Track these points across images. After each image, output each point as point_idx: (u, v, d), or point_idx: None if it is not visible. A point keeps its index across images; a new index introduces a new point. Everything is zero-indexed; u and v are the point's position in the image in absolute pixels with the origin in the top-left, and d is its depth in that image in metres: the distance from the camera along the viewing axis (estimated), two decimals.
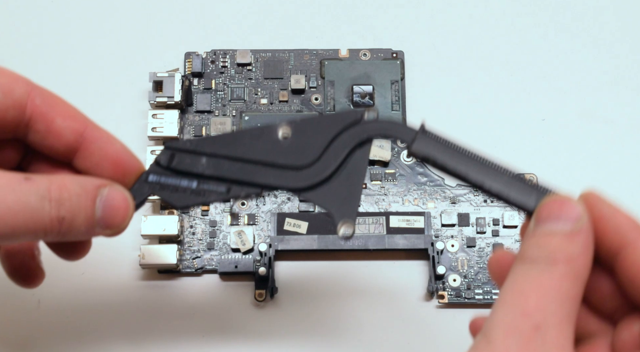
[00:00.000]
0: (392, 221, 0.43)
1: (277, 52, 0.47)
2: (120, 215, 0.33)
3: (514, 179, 0.32)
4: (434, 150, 0.34)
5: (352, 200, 0.35)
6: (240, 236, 0.43)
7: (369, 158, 0.35)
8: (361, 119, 0.35)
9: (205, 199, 0.35)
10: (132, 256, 0.43)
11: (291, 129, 0.35)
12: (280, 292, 0.43)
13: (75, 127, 0.34)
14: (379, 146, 0.45)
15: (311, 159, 0.35)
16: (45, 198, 0.31)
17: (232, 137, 0.35)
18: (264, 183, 0.34)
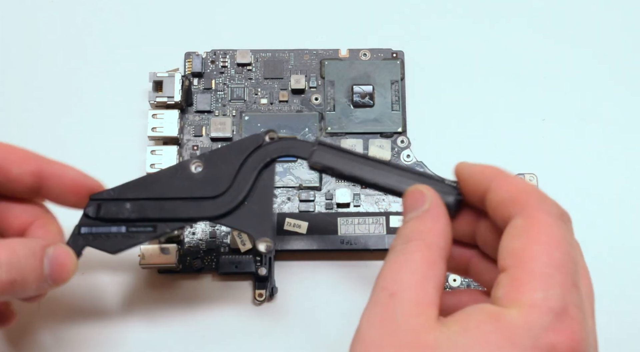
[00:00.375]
0: (392, 221, 0.43)
1: (277, 52, 0.47)
2: (66, 270, 0.36)
3: (404, 172, 0.36)
4: (331, 160, 0.37)
5: (266, 218, 0.37)
6: (240, 236, 0.43)
7: (274, 178, 0.38)
8: (262, 142, 0.38)
9: (135, 240, 0.37)
10: (132, 256, 0.43)
11: (202, 162, 0.38)
12: (280, 292, 0.43)
13: (30, 169, 0.36)
14: (379, 146, 0.45)
15: (224, 187, 0.37)
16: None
17: (151, 179, 0.38)
18: (185, 217, 0.37)
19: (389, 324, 0.31)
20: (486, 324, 0.29)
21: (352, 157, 0.37)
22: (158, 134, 0.44)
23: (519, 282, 0.30)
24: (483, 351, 0.29)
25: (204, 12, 0.49)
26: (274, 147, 0.38)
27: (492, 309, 0.30)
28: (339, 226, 0.43)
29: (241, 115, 0.45)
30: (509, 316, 0.29)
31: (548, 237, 0.31)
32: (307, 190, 0.44)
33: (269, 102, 0.46)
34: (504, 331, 0.29)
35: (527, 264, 0.30)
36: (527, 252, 0.31)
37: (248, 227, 0.37)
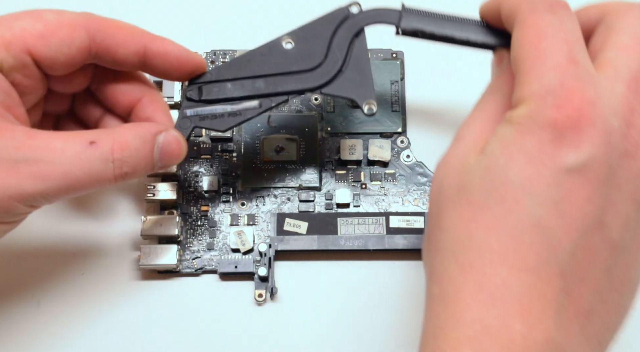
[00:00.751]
0: (392, 221, 0.43)
1: None
2: (176, 155, 0.38)
3: (483, 26, 0.38)
4: (420, 23, 0.39)
5: (367, 82, 0.40)
6: (240, 236, 0.43)
7: (366, 45, 0.40)
8: (349, 13, 0.40)
9: (243, 117, 0.39)
10: (131, 256, 0.43)
11: (293, 38, 0.40)
12: (280, 292, 0.43)
13: (136, 49, 0.37)
14: (379, 146, 0.45)
15: (320, 59, 0.39)
16: (108, 160, 0.35)
17: (246, 59, 0.40)
18: (288, 90, 0.39)
19: (448, 160, 0.33)
20: (502, 128, 0.32)
21: (439, 17, 0.39)
22: None
23: (520, 83, 0.32)
24: (503, 153, 0.31)
25: (203, 12, 0.49)
26: (361, 17, 0.40)
27: (507, 115, 0.32)
28: (339, 226, 0.43)
29: None
30: (516, 113, 0.31)
31: (534, 33, 0.32)
32: (307, 190, 0.44)
33: None
34: (513, 127, 0.31)
35: (523, 64, 0.32)
36: (521, 55, 0.32)
37: (350, 92, 0.40)
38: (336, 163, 0.45)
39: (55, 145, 0.34)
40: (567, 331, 0.29)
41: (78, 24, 0.36)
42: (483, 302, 0.29)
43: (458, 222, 0.31)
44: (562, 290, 0.30)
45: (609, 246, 0.30)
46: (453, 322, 0.30)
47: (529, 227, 0.30)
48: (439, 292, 0.31)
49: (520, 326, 0.29)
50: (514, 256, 0.29)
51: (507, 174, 0.30)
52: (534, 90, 0.31)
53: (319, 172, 0.44)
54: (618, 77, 0.31)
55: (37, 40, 0.35)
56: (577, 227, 0.30)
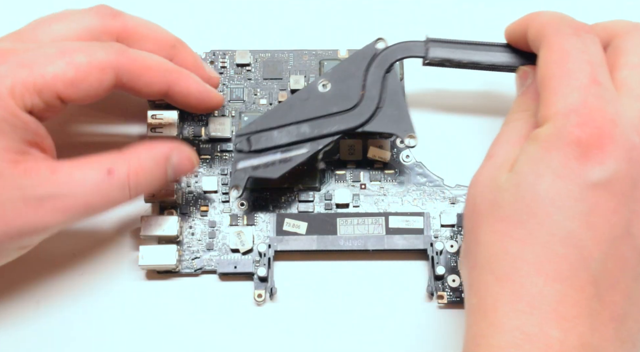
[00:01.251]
0: (392, 221, 0.43)
1: (276, 53, 0.47)
2: (188, 172, 0.40)
3: (507, 49, 0.41)
4: (446, 53, 0.42)
5: (404, 116, 0.42)
6: (240, 237, 0.43)
7: (398, 79, 0.42)
8: (376, 50, 0.42)
9: (293, 163, 0.41)
10: (131, 256, 0.43)
11: (328, 80, 0.42)
12: (280, 292, 0.43)
13: (160, 89, 0.39)
14: (378, 147, 0.45)
15: (356, 98, 0.41)
16: (125, 187, 0.37)
17: (287, 105, 0.42)
18: (332, 131, 0.41)
19: (480, 178, 0.36)
20: (528, 146, 0.34)
21: (463, 45, 0.42)
22: (157, 134, 0.44)
23: (545, 101, 0.34)
24: (532, 171, 0.33)
25: (202, 12, 0.49)
26: (389, 52, 0.42)
27: (533, 133, 0.34)
28: (338, 226, 0.43)
29: (240, 116, 0.45)
30: (542, 132, 0.33)
31: (560, 55, 0.35)
32: (306, 190, 0.44)
33: (268, 102, 0.46)
34: (540, 144, 0.33)
35: (548, 83, 0.34)
36: (547, 74, 0.34)
37: (391, 128, 0.41)
38: (335, 163, 0.45)
39: (76, 178, 0.36)
40: (602, 335, 0.31)
41: (107, 67, 0.36)
42: (521, 311, 0.31)
43: (493, 237, 0.33)
44: (595, 296, 0.32)
45: (637, 253, 0.32)
46: (493, 330, 0.32)
47: (560, 240, 0.32)
48: (477, 302, 0.33)
49: (557, 332, 0.31)
50: (548, 267, 0.32)
51: (537, 190, 0.32)
52: (559, 109, 0.33)
53: (318, 172, 0.44)
54: (634, 94, 0.34)
55: (67, 87, 0.36)
56: (606, 238, 0.32)
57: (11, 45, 0.36)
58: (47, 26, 0.37)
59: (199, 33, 0.48)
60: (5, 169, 0.34)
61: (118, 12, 0.38)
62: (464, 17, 0.49)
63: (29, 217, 0.35)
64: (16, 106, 0.35)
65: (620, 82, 0.35)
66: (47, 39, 0.37)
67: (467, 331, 0.34)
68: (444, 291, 0.42)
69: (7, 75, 0.35)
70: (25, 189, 0.35)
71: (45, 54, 0.36)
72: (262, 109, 0.46)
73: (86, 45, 0.37)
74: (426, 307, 0.43)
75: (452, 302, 0.42)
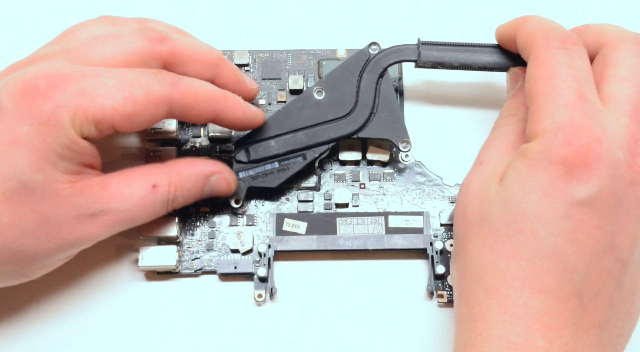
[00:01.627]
0: (391, 220, 0.43)
1: (274, 53, 0.47)
2: (223, 194, 0.42)
3: (496, 49, 0.42)
4: (438, 56, 0.42)
5: (398, 121, 0.42)
6: (240, 237, 0.43)
7: (392, 84, 0.43)
8: (369, 55, 0.43)
9: (291, 171, 0.42)
10: (131, 257, 0.43)
11: (322, 88, 0.42)
12: (280, 292, 0.43)
13: (207, 119, 0.40)
14: (378, 146, 0.45)
15: (351, 105, 0.42)
16: (165, 202, 0.39)
17: (283, 114, 0.43)
18: (327, 139, 0.42)
19: (471, 186, 0.37)
20: (517, 161, 0.35)
21: (455, 48, 0.42)
22: (156, 135, 0.44)
23: (533, 117, 0.35)
24: (520, 188, 0.34)
25: (201, 13, 0.49)
26: (382, 57, 0.43)
27: (521, 148, 0.35)
28: (338, 226, 0.43)
29: None
30: (530, 148, 0.34)
31: (547, 70, 0.35)
32: (306, 190, 0.44)
33: (267, 102, 0.46)
34: (528, 162, 0.34)
35: (536, 99, 0.35)
36: (535, 90, 0.35)
37: (385, 133, 0.42)
38: (335, 163, 0.45)
39: (125, 193, 0.38)
40: (584, 342, 0.33)
41: (162, 102, 0.37)
42: (508, 322, 0.33)
43: (482, 250, 0.34)
44: (578, 307, 0.33)
45: (620, 265, 0.34)
46: (481, 339, 0.33)
47: (546, 255, 0.33)
48: (467, 312, 0.34)
49: (542, 342, 0.32)
50: (533, 280, 0.33)
51: (524, 207, 0.33)
52: (547, 126, 0.34)
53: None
54: (620, 109, 0.35)
55: (123, 120, 0.37)
56: (589, 252, 0.33)
57: (70, 69, 0.36)
58: (100, 47, 0.38)
59: (198, 34, 0.47)
60: (64, 190, 0.36)
61: (165, 35, 0.39)
62: (461, 17, 0.49)
63: (81, 232, 0.37)
64: (75, 134, 0.36)
65: (607, 95, 0.35)
66: (99, 60, 0.37)
67: (457, 338, 0.35)
68: (444, 290, 0.42)
69: (70, 105, 0.36)
70: (79, 207, 0.37)
71: (104, 84, 0.36)
72: (261, 109, 0.46)
73: (143, 77, 0.37)
74: (426, 306, 0.43)
75: (452, 301, 0.42)
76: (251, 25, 0.49)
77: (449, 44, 0.42)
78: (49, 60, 0.37)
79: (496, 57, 0.42)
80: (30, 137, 0.35)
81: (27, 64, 0.38)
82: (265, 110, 0.46)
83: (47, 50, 0.39)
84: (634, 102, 0.35)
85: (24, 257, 0.37)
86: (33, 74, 0.36)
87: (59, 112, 0.35)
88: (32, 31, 0.48)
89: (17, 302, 0.42)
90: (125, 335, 0.42)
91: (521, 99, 0.39)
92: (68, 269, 0.42)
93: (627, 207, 0.34)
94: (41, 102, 0.35)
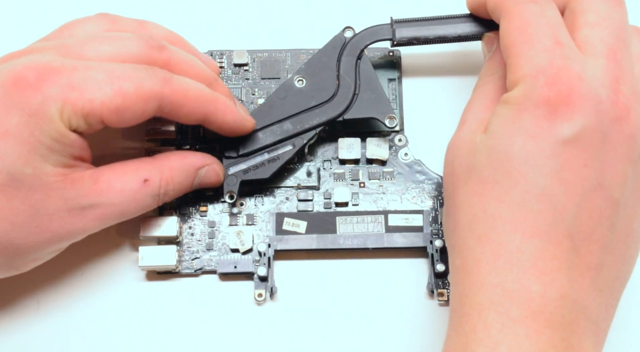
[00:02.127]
0: (391, 219, 0.43)
1: (273, 52, 0.47)
2: (212, 185, 0.42)
3: (469, 19, 0.43)
4: (412, 31, 0.43)
5: (382, 99, 0.43)
6: (239, 236, 0.43)
7: (370, 63, 0.43)
8: (345, 39, 0.44)
9: (281, 161, 0.42)
10: (131, 256, 0.43)
11: (303, 76, 0.43)
12: (280, 291, 0.43)
13: (196, 119, 0.40)
14: (377, 145, 0.45)
15: (333, 89, 0.43)
16: (156, 195, 0.39)
17: (267, 106, 0.43)
18: (314, 125, 0.42)
19: (455, 143, 0.37)
20: (500, 109, 0.35)
21: (427, 21, 0.43)
22: (155, 134, 0.44)
23: (512, 67, 0.35)
24: (505, 132, 0.34)
25: (200, 13, 0.49)
26: (358, 40, 0.43)
27: (504, 97, 0.35)
28: (338, 225, 0.43)
29: None
30: (512, 94, 0.35)
31: (520, 22, 0.36)
32: (306, 189, 0.44)
33: None
34: (512, 107, 0.34)
35: (513, 49, 0.35)
36: (510, 42, 0.36)
37: (370, 112, 0.43)
38: (334, 162, 0.45)
39: (116, 187, 0.38)
40: (579, 285, 0.33)
41: (152, 97, 0.37)
42: (501, 269, 0.33)
43: (471, 198, 0.35)
44: (571, 249, 0.33)
45: (611, 204, 0.34)
46: (476, 289, 0.33)
47: (535, 196, 0.33)
48: (461, 263, 0.34)
49: (537, 286, 0.32)
50: (524, 223, 0.33)
51: (510, 151, 0.34)
52: (526, 72, 0.34)
53: (317, 171, 0.44)
54: (597, 51, 0.35)
55: (112, 114, 0.37)
56: (577, 191, 0.33)
57: (60, 62, 0.36)
58: (97, 45, 0.38)
59: (197, 33, 0.48)
60: (54, 183, 0.36)
61: (163, 45, 0.39)
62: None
63: (72, 226, 0.37)
64: (64, 127, 0.36)
65: (581, 41, 0.36)
66: (93, 56, 0.37)
67: (452, 291, 0.35)
68: (445, 289, 0.42)
69: (58, 97, 0.36)
70: (70, 200, 0.37)
71: (94, 78, 0.36)
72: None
73: (133, 71, 0.37)
74: (427, 305, 0.43)
75: None
76: (250, 25, 0.49)
77: (422, 19, 0.43)
78: (41, 53, 0.37)
79: (470, 27, 0.43)
80: (19, 128, 0.35)
81: (19, 56, 0.37)
82: None
83: (41, 44, 0.39)
84: (608, 43, 0.35)
85: (13, 250, 0.37)
86: (23, 65, 0.36)
87: (47, 104, 0.35)
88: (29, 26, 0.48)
89: (17, 301, 0.42)
90: (125, 335, 0.42)
91: (498, 59, 0.39)
92: (68, 268, 0.42)
93: (615, 145, 0.34)
94: (30, 94, 0.35)
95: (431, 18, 0.43)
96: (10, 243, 0.37)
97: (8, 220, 0.36)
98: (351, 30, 0.44)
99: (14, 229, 0.36)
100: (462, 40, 0.43)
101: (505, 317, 0.32)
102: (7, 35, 0.48)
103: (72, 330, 0.42)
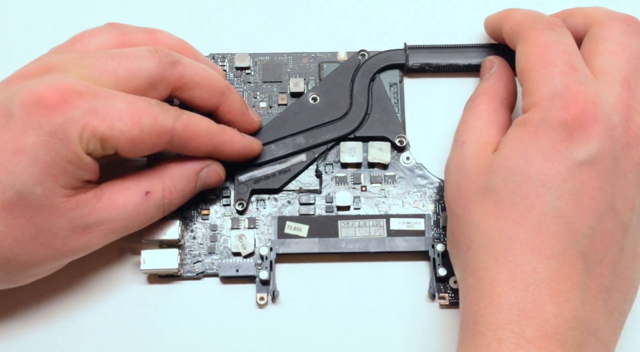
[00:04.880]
0: (393, 223, 0.43)
1: (275, 56, 0.47)
2: (214, 185, 0.42)
3: (480, 48, 0.45)
4: (425, 58, 0.45)
5: (393, 119, 0.44)
6: (241, 240, 0.43)
7: (383, 86, 0.45)
8: (359, 61, 0.45)
9: (293, 173, 0.44)
10: (133, 260, 0.43)
11: (317, 93, 0.45)
12: (282, 295, 0.43)
13: (205, 152, 0.41)
14: (379, 149, 0.45)
15: (346, 107, 0.44)
16: (160, 206, 0.40)
17: (281, 120, 0.44)
18: (326, 140, 0.44)
19: (460, 164, 0.38)
20: (516, 131, 0.36)
21: (441, 50, 0.45)
22: None
23: (528, 91, 0.36)
24: (522, 155, 0.35)
25: (201, 16, 0.49)
26: (372, 63, 0.45)
27: (518, 120, 0.36)
28: (340, 228, 0.43)
29: None
30: (528, 117, 0.36)
31: (537, 47, 0.37)
32: (307, 193, 0.44)
33: (268, 105, 0.46)
34: (528, 129, 0.35)
35: (530, 74, 0.37)
36: (528, 66, 0.37)
37: (381, 131, 0.44)
38: (336, 166, 0.45)
39: (118, 203, 0.38)
40: (591, 307, 0.33)
41: (165, 133, 0.38)
42: (518, 289, 0.33)
43: (487, 220, 0.35)
44: (584, 271, 0.33)
45: (621, 228, 0.34)
46: (492, 308, 0.33)
47: (551, 218, 0.34)
48: (475, 282, 0.35)
49: (552, 307, 0.33)
50: (540, 245, 0.33)
51: (528, 173, 0.34)
52: (543, 95, 0.35)
53: (318, 175, 0.45)
54: (612, 78, 0.36)
55: (128, 143, 0.37)
56: (592, 214, 0.34)
57: (83, 86, 0.36)
58: (114, 66, 0.38)
59: (199, 37, 0.48)
60: (60, 203, 0.37)
61: (176, 59, 0.39)
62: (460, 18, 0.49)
63: (76, 243, 0.38)
64: (81, 149, 0.36)
65: (597, 68, 0.37)
66: (112, 81, 0.38)
67: (464, 310, 0.35)
68: (446, 293, 0.42)
69: (80, 120, 0.36)
70: (74, 220, 0.37)
71: (116, 107, 0.37)
72: (262, 112, 0.46)
73: (151, 107, 0.38)
74: (428, 309, 0.43)
75: (453, 303, 0.42)
76: (252, 28, 0.49)
77: (435, 46, 0.45)
78: (63, 74, 0.37)
79: (481, 56, 0.44)
80: (36, 148, 0.35)
81: (40, 72, 0.38)
82: (266, 113, 0.46)
83: (59, 59, 0.38)
84: (624, 72, 0.36)
85: (17, 266, 0.38)
86: (47, 85, 0.36)
87: (68, 125, 0.36)
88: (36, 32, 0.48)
89: (18, 304, 0.42)
90: (126, 338, 0.42)
91: (493, 81, 0.41)
92: (69, 271, 0.42)
93: (625, 171, 0.35)
94: (52, 115, 0.35)
95: (444, 46, 0.45)
96: (14, 259, 0.37)
97: (13, 237, 0.37)
98: (365, 53, 0.45)
99: (18, 245, 0.37)
100: (473, 70, 0.45)
101: (520, 336, 0.32)
102: (14, 42, 0.48)
103: (73, 333, 0.42)
